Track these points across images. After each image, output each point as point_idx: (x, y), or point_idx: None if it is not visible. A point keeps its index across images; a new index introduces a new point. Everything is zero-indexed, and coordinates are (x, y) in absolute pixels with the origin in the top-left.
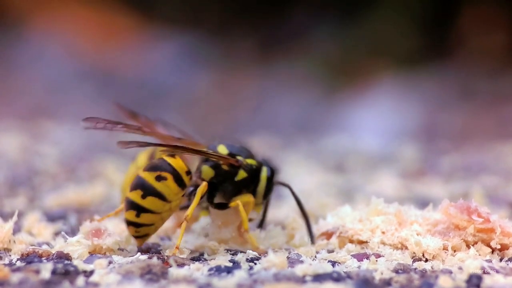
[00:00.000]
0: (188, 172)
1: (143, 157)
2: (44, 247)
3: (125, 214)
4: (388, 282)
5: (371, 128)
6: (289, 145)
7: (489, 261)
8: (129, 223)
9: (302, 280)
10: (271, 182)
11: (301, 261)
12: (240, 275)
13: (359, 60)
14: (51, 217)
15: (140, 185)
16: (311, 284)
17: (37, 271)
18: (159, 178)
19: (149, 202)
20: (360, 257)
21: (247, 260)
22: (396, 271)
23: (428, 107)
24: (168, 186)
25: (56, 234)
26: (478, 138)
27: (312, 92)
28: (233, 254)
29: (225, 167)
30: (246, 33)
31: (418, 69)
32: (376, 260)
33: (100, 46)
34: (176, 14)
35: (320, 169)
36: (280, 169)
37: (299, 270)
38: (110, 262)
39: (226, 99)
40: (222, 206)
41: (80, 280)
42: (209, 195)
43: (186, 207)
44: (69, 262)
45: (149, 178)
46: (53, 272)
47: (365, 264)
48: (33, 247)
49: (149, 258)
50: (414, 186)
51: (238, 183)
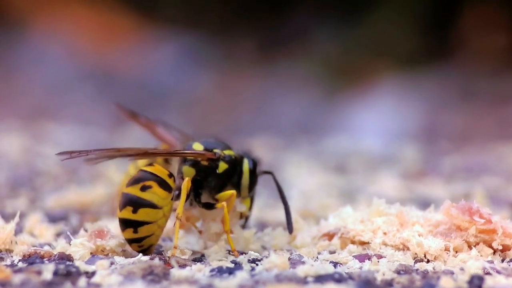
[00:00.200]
0: (170, 175)
1: None
2: (46, 248)
3: (124, 235)
4: (390, 283)
5: (372, 129)
6: (290, 146)
7: (491, 262)
8: (130, 242)
9: (304, 281)
10: (255, 174)
11: (303, 262)
12: (242, 276)
13: (360, 61)
14: (53, 218)
15: (128, 201)
16: (313, 285)
17: (39, 272)
18: (144, 188)
19: (142, 215)
20: (362, 258)
21: (249, 261)
22: (398, 272)
23: (429, 108)
24: (155, 193)
25: (58, 235)
26: (479, 139)
27: (313, 93)
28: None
29: (205, 163)
30: (247, 34)
31: (419, 70)
32: (378, 261)
33: (101, 47)
34: (177, 15)
35: (322, 170)
36: (261, 160)
37: (301, 271)
38: (112, 263)
39: (227, 100)
40: (209, 206)
41: (82, 281)
42: (195, 194)
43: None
44: (71, 263)
45: (135, 192)
46: (55, 273)
47: (367, 265)
48: (35, 248)
49: (151, 259)
50: (416, 187)
51: (222, 176)
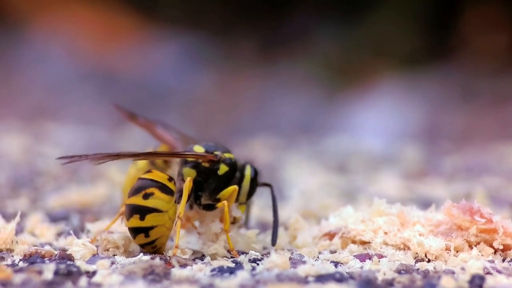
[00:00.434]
0: (170, 179)
1: None
2: (47, 248)
3: (136, 241)
4: (391, 283)
5: (373, 129)
6: (291, 146)
7: (492, 262)
8: (143, 245)
9: (305, 281)
10: (255, 181)
11: (304, 262)
12: (243, 276)
13: (361, 61)
14: (54, 218)
15: (134, 211)
16: (314, 285)
17: (40, 272)
18: (146, 196)
19: (150, 220)
20: (363, 258)
21: (250, 261)
22: (399, 272)
23: (430, 108)
24: (158, 198)
25: (59, 235)
26: (480, 139)
27: (314, 93)
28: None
29: (206, 164)
30: (248, 34)
31: (420, 70)
32: (379, 261)
33: (102, 47)
34: (178, 15)
35: (322, 170)
36: (262, 171)
37: (302, 271)
38: (113, 263)
39: (228, 100)
40: (210, 207)
41: (83, 281)
42: (196, 196)
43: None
44: (72, 263)
45: (138, 201)
46: (56, 273)
47: (368, 265)
48: (36, 248)
49: (152, 259)
50: (416, 187)
51: (222, 178)
